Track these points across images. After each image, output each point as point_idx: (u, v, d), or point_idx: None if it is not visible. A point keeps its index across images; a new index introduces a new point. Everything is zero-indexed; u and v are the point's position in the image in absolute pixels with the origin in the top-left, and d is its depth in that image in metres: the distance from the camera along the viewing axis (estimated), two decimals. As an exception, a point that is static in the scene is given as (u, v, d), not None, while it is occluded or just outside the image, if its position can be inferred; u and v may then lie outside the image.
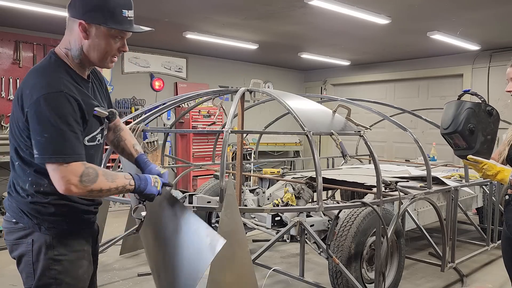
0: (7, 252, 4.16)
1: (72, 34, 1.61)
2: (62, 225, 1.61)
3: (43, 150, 1.45)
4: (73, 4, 1.58)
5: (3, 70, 6.45)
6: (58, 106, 1.45)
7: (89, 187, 1.48)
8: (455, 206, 3.92)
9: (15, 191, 1.62)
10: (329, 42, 7.19)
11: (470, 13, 5.24)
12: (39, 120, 1.44)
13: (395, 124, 3.85)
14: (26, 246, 1.59)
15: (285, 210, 3.46)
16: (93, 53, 1.60)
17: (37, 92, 1.45)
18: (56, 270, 1.58)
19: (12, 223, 1.62)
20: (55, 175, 1.45)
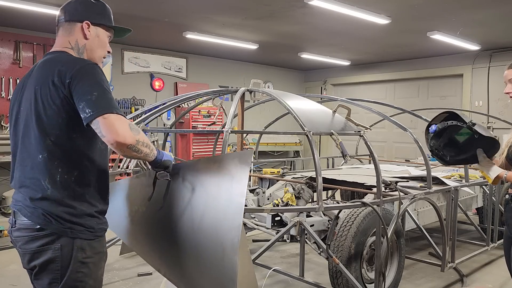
0: (7, 252, 4.12)
1: (73, 35, 1.74)
2: (91, 228, 1.64)
3: (96, 106, 1.51)
4: (72, 9, 1.75)
5: (3, 70, 6.45)
6: (98, 73, 1.60)
7: (136, 136, 1.55)
8: (455, 206, 3.92)
9: (41, 192, 1.58)
10: (329, 42, 7.19)
11: (470, 13, 5.24)
12: (88, 83, 1.55)
13: (395, 124, 3.85)
14: (53, 252, 1.57)
15: (285, 210, 3.46)
16: (97, 51, 1.78)
17: (78, 64, 1.59)
18: (83, 273, 1.61)
19: (35, 230, 1.57)
20: (108, 124, 1.49)
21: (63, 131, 1.58)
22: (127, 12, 5.49)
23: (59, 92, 1.56)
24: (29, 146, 1.62)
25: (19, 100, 1.71)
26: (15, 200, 1.65)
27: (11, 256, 4.44)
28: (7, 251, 4.58)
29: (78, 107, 1.53)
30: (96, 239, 1.66)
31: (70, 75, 1.55)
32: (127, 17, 5.73)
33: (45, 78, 1.59)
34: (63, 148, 1.59)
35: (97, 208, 1.69)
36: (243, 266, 2.46)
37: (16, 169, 1.68)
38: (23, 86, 1.73)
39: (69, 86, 1.54)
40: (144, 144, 1.60)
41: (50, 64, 1.64)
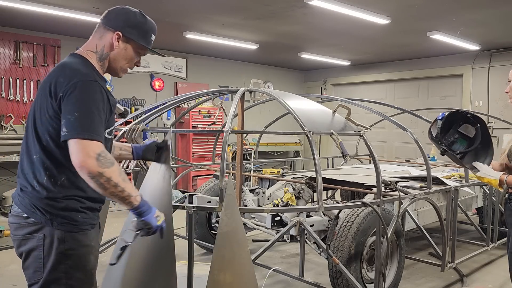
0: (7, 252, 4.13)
1: (102, 40, 1.80)
2: (73, 221, 1.66)
3: (72, 127, 1.53)
4: (113, 16, 1.80)
5: (3, 70, 6.45)
6: (92, 91, 1.60)
7: (101, 168, 1.51)
8: (455, 206, 3.92)
9: (30, 186, 1.66)
10: (329, 42, 7.19)
11: (470, 13, 5.24)
12: (73, 101, 1.56)
13: (395, 124, 3.85)
14: (37, 241, 1.63)
15: (285, 210, 3.46)
16: (119, 61, 1.82)
17: (75, 78, 1.60)
18: (67, 264, 1.64)
19: (23, 218, 1.66)
20: (76, 147, 1.51)
21: (53, 139, 1.63)
22: (127, 12, 5.48)
23: (52, 103, 1.60)
24: (28, 144, 1.70)
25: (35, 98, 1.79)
26: (17, 189, 1.76)
27: (11, 256, 4.44)
28: (7, 251, 4.58)
29: (61, 122, 1.56)
30: (80, 232, 1.68)
31: (63, 89, 1.58)
32: (127, 17, 5.73)
33: (47, 85, 1.64)
34: (53, 154, 1.64)
35: (84, 205, 1.70)
36: (242, 266, 2.46)
37: (20, 161, 1.76)
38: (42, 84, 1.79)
39: (60, 100, 1.58)
40: (111, 183, 1.53)
41: (58, 70, 1.67)
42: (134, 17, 1.81)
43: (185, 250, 2.96)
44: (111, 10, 1.81)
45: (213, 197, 4.14)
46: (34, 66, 6.71)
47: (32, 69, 6.70)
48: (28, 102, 6.66)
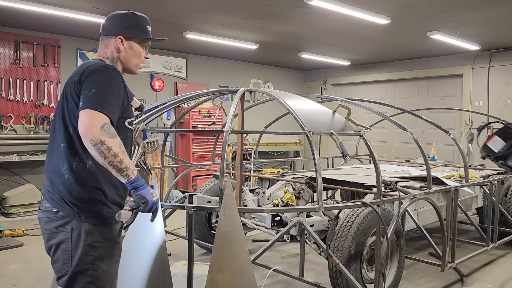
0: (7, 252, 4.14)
1: (109, 48, 1.97)
2: (99, 215, 1.75)
3: (87, 100, 1.64)
4: (109, 25, 2.00)
5: (3, 70, 6.45)
6: (111, 76, 1.76)
7: (103, 137, 1.58)
8: (455, 206, 3.92)
9: (59, 174, 1.75)
10: (329, 42, 7.19)
11: (470, 13, 5.24)
12: (92, 80, 1.71)
13: (395, 124, 3.85)
14: (66, 234, 1.72)
15: (285, 210, 3.46)
16: (130, 60, 1.99)
17: (97, 66, 1.77)
18: (93, 256, 1.73)
19: (52, 212, 1.74)
20: (85, 116, 1.61)
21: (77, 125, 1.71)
22: (127, 12, 5.48)
23: (76, 90, 1.74)
24: (56, 136, 1.81)
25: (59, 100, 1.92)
26: (44, 185, 1.85)
27: (11, 256, 4.44)
28: (7, 251, 4.58)
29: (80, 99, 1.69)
30: (105, 226, 1.78)
31: (85, 74, 1.73)
32: (127, 17, 5.73)
33: (73, 76, 1.79)
34: (80, 139, 1.68)
35: (109, 198, 1.79)
36: (242, 266, 2.46)
37: (47, 157, 1.86)
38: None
39: (82, 83, 1.72)
40: (111, 152, 1.59)
41: (82, 65, 1.84)
42: (125, 18, 2.00)
43: (185, 250, 2.96)
44: (104, 21, 2.02)
45: (213, 197, 4.14)
46: (34, 66, 6.71)
47: (32, 69, 6.70)
48: (28, 102, 6.67)
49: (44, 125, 6.81)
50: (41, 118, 6.78)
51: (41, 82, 6.78)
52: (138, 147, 3.31)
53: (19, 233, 5.08)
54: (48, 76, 6.86)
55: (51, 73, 6.90)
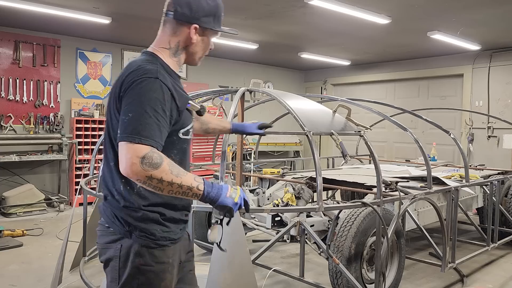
0: (7, 252, 4.14)
1: (177, 36, 1.66)
2: (151, 235, 1.57)
3: (124, 130, 1.44)
4: (185, 8, 1.64)
5: (2, 70, 6.45)
6: (150, 90, 1.48)
7: (148, 172, 1.38)
8: (455, 206, 3.91)
9: (110, 194, 1.60)
10: (329, 42, 7.19)
11: (470, 13, 5.24)
12: (129, 101, 1.47)
13: (395, 124, 3.85)
14: (114, 251, 1.58)
15: (285, 210, 3.46)
16: (198, 53, 1.73)
17: (134, 77, 1.50)
18: (140, 280, 1.56)
19: (105, 226, 1.62)
20: (122, 153, 1.42)
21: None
22: (127, 12, 5.48)
23: (117, 106, 1.53)
24: (106, 151, 1.64)
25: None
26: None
27: (11, 256, 4.44)
28: (7, 251, 4.57)
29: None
30: (158, 248, 1.58)
31: (124, 89, 1.50)
32: (127, 17, 5.73)
33: (115, 87, 1.56)
34: None
35: (165, 216, 1.60)
36: (242, 266, 2.46)
37: (101, 169, 1.71)
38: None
39: (121, 100, 1.51)
40: (164, 183, 1.41)
41: (124, 71, 1.58)
42: (206, 4, 1.66)
43: (185, 250, 2.94)
44: (176, 2, 1.65)
45: (213, 197, 4.12)
46: (34, 66, 6.71)
47: (32, 69, 6.70)
48: (28, 102, 6.66)
49: (43, 125, 6.81)
50: (41, 118, 6.78)
51: (40, 82, 6.78)
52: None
53: (18, 233, 5.07)
54: (48, 76, 6.86)
55: (51, 73, 6.89)
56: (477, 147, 7.62)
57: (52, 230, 5.43)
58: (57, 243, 4.85)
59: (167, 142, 1.54)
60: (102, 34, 6.93)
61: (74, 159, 6.78)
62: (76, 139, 6.76)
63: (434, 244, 3.71)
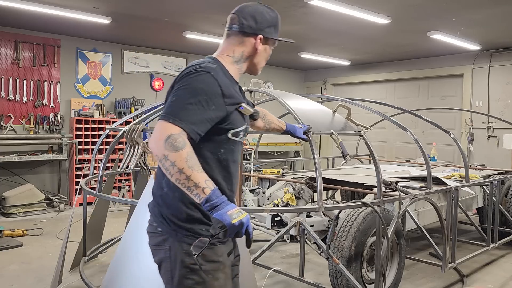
0: (7, 252, 4.13)
1: (241, 46, 1.74)
2: (197, 234, 1.55)
3: (165, 109, 1.50)
4: (249, 21, 1.73)
5: (2, 70, 6.45)
6: (199, 81, 1.52)
7: (166, 151, 1.39)
8: (455, 206, 3.91)
9: (160, 189, 1.63)
10: (329, 42, 7.19)
11: (470, 13, 5.24)
12: (178, 86, 1.53)
13: (395, 124, 3.85)
14: (165, 253, 1.58)
15: (285, 210, 3.46)
16: (261, 62, 1.84)
17: (190, 69, 1.56)
18: (193, 280, 1.55)
19: (153, 227, 1.62)
20: (156, 128, 1.45)
21: None
22: (127, 12, 5.48)
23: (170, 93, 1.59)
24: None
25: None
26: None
27: (11, 256, 4.44)
28: (7, 251, 4.57)
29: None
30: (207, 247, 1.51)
31: (178, 78, 1.57)
32: (127, 17, 5.73)
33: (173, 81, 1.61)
34: None
35: (206, 216, 1.57)
36: (242, 266, 2.45)
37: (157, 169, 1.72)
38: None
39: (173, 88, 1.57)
40: (175, 168, 1.38)
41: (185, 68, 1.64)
42: (269, 15, 1.78)
43: (185, 250, 2.94)
44: (241, 13, 1.73)
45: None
46: (34, 66, 6.71)
47: (32, 69, 6.70)
48: (28, 102, 6.66)
49: (43, 125, 6.81)
50: (41, 118, 6.78)
51: (40, 82, 6.78)
52: (138, 147, 3.31)
53: (18, 233, 5.07)
54: (47, 76, 6.86)
55: (51, 73, 6.89)
56: (477, 147, 7.62)
57: (52, 230, 5.43)
58: (57, 243, 4.85)
59: (216, 139, 1.59)
60: (102, 34, 6.93)
61: (74, 159, 6.78)
62: (76, 139, 6.76)
63: (434, 244, 3.71)
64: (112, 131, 4.35)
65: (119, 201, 4.50)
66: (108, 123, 6.90)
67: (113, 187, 5.44)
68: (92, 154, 5.70)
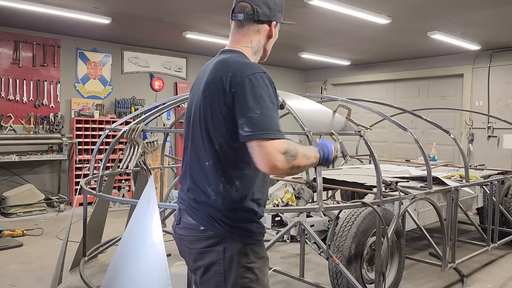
0: (7, 252, 4.11)
1: (257, 35, 1.71)
2: (251, 232, 1.59)
3: (256, 126, 1.43)
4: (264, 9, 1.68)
5: (2, 70, 6.45)
6: (265, 85, 1.50)
7: (290, 163, 1.45)
8: (455, 206, 3.91)
9: (205, 195, 1.58)
10: (329, 42, 7.19)
11: (470, 13, 5.24)
12: (251, 97, 1.46)
13: (395, 124, 3.85)
14: (217, 254, 1.55)
15: (285, 210, 3.46)
16: (270, 48, 1.81)
17: (248, 71, 1.51)
18: (249, 279, 1.56)
19: (200, 231, 1.58)
20: (261, 151, 1.42)
21: (227, 140, 1.54)
22: (127, 12, 5.48)
23: (225, 101, 1.51)
24: (198, 150, 1.62)
25: (192, 99, 1.72)
26: (182, 198, 1.67)
27: (11, 256, 4.44)
28: (7, 251, 4.57)
29: (238, 121, 1.47)
30: (256, 244, 1.61)
31: (236, 84, 1.49)
32: (127, 17, 5.73)
33: (216, 83, 1.55)
34: (227, 158, 1.56)
35: (256, 214, 1.63)
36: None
37: (186, 170, 1.68)
38: (197, 84, 1.73)
39: (233, 96, 1.49)
40: (301, 168, 1.51)
41: (222, 67, 1.58)
42: (278, 0, 1.74)
43: (185, 250, 2.94)
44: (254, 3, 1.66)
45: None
46: (34, 66, 6.71)
47: (32, 69, 6.70)
48: (28, 102, 6.66)
49: (43, 125, 6.81)
50: (41, 118, 6.78)
51: (40, 82, 6.78)
52: (138, 147, 3.31)
53: (18, 233, 5.07)
54: (47, 76, 6.86)
55: (51, 73, 6.89)
56: (477, 147, 7.62)
57: (52, 230, 5.43)
58: (57, 243, 4.85)
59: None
60: (102, 34, 6.93)
61: (74, 159, 6.77)
62: (76, 139, 6.76)
63: (434, 244, 3.71)
64: (112, 131, 4.35)
65: (119, 201, 4.50)
66: (108, 123, 6.90)
67: (113, 187, 5.44)
68: (92, 154, 5.69)
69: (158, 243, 2.19)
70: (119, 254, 2.40)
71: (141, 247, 2.26)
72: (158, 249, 2.18)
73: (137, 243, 2.31)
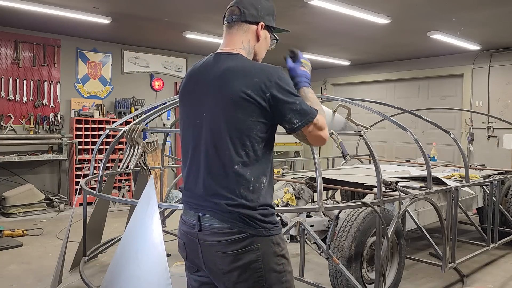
0: (6, 252, 4.11)
1: (246, 35, 1.77)
2: (276, 223, 1.70)
3: (302, 115, 1.63)
4: (251, 10, 1.75)
5: (2, 70, 6.45)
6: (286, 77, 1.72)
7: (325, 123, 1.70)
8: (455, 206, 3.91)
9: (234, 199, 1.61)
10: (329, 42, 7.19)
11: (470, 13, 5.24)
12: (286, 94, 1.63)
13: (395, 124, 3.84)
14: (254, 252, 1.61)
15: (285, 210, 3.46)
16: (262, 52, 1.88)
17: (272, 73, 1.66)
18: (283, 264, 1.69)
19: (233, 233, 1.61)
20: (316, 131, 1.67)
21: (255, 142, 1.63)
22: (127, 12, 5.48)
23: (258, 105, 1.60)
24: (222, 156, 1.63)
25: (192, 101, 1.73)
26: (199, 205, 1.68)
27: (11, 256, 4.44)
28: (7, 251, 4.57)
29: (284, 119, 1.63)
30: (280, 232, 1.73)
31: (269, 88, 1.61)
32: (127, 17, 5.73)
33: (237, 89, 1.60)
34: (255, 159, 1.64)
35: (273, 207, 1.73)
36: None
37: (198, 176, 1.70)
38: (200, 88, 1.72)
39: (269, 100, 1.60)
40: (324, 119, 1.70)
41: (238, 72, 1.64)
42: (266, 4, 1.80)
43: (185, 250, 2.94)
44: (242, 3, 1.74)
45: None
46: (34, 66, 6.71)
47: (32, 69, 6.70)
48: (28, 102, 6.66)
49: (43, 125, 6.81)
50: (41, 118, 6.78)
51: (40, 82, 6.78)
52: (138, 147, 3.31)
53: (18, 233, 5.07)
54: (47, 76, 6.86)
55: (51, 73, 6.89)
56: (477, 147, 7.62)
57: (52, 230, 5.43)
58: (57, 243, 4.85)
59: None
60: (102, 34, 6.93)
61: (74, 159, 6.78)
62: (76, 139, 6.76)
63: (434, 244, 3.71)
64: (112, 131, 4.35)
65: (119, 201, 4.51)
66: (108, 123, 6.90)
67: (113, 187, 5.44)
68: (92, 154, 5.70)
69: (158, 243, 2.19)
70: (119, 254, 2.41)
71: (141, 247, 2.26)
72: (158, 249, 2.18)
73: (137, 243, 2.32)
